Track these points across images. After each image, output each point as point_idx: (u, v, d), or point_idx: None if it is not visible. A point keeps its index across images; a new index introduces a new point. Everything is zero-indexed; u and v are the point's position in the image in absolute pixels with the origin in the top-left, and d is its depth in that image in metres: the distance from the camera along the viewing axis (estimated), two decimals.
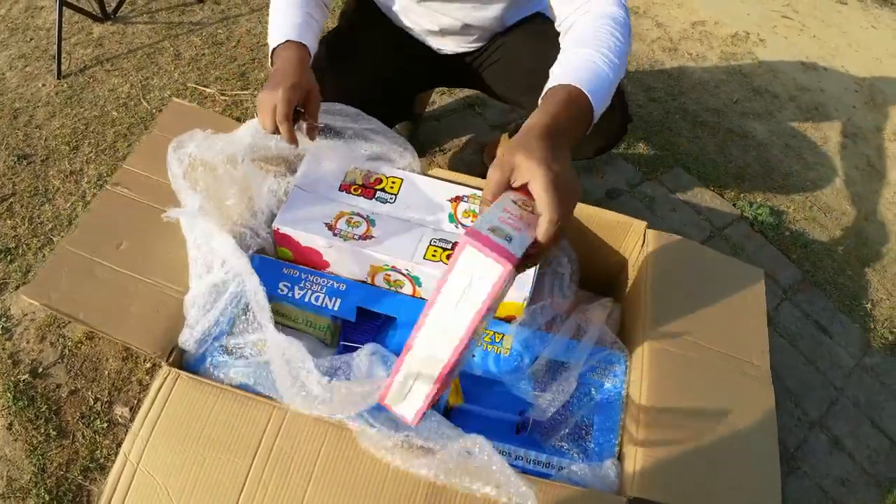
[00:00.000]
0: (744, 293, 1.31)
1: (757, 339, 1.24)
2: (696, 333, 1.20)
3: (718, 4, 3.33)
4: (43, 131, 2.07)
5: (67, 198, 1.88)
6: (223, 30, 2.55)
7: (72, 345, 1.55)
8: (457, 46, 1.51)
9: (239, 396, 1.00)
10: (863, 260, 2.13)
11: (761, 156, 2.40)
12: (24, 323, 1.58)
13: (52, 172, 1.95)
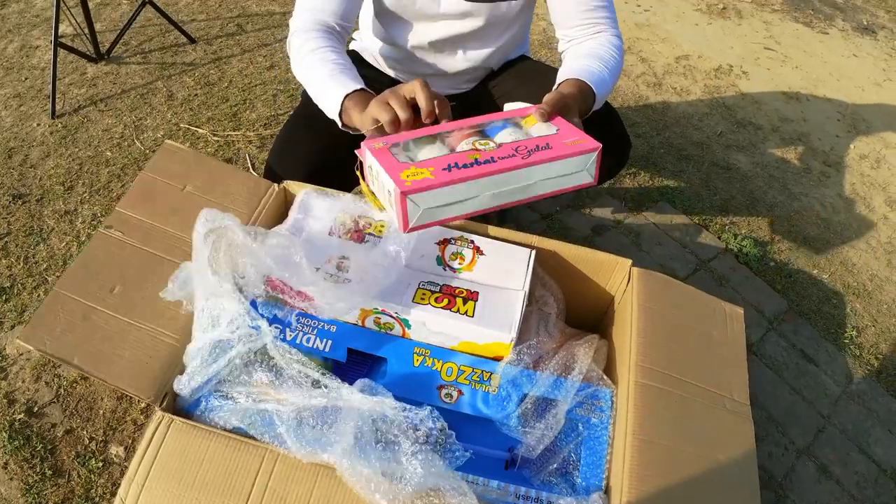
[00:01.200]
0: (724, 330, 1.34)
1: (737, 374, 1.27)
2: (679, 369, 1.23)
3: (702, 39, 3.40)
4: (37, 171, 2.10)
5: (62, 237, 1.90)
6: (215, 70, 2.59)
7: (67, 384, 1.56)
8: (448, 89, 1.55)
9: (232, 440, 1.02)
10: (848, 288, 2.16)
11: (745, 187, 2.44)
12: (20, 362, 1.60)
13: (47, 212, 1.97)
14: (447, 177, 0.97)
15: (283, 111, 2.40)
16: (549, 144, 1.03)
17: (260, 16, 3.01)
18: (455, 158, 1.01)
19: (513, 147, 1.03)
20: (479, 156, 1.01)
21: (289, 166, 1.35)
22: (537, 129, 1.10)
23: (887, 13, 4.40)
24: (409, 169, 0.99)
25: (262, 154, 2.19)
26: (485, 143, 1.05)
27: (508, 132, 1.09)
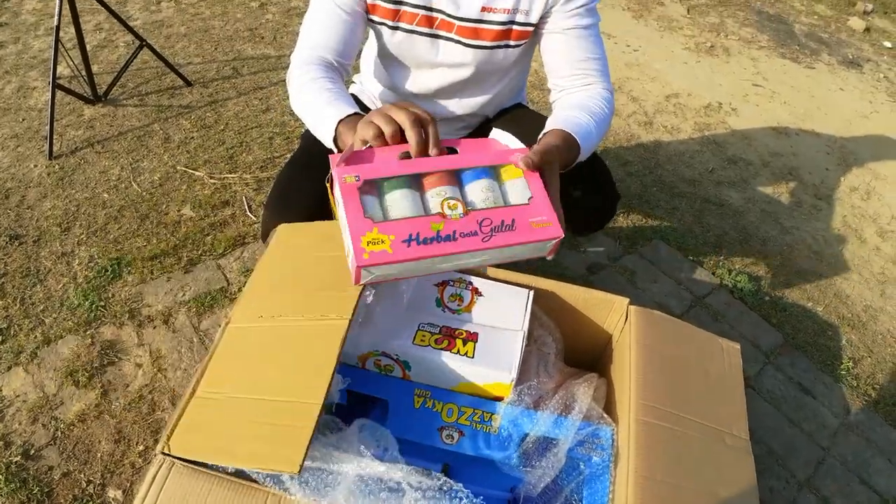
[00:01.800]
0: (722, 365, 1.35)
1: (736, 409, 1.28)
2: (678, 406, 1.23)
3: (691, 77, 3.45)
4: (34, 212, 2.11)
5: (59, 279, 1.90)
6: (211, 113, 2.62)
7: (64, 427, 1.56)
8: (443, 135, 1.57)
9: (234, 484, 1.02)
10: (842, 319, 2.17)
11: (738, 223, 2.46)
12: (17, 404, 1.59)
13: (44, 253, 1.98)
14: (404, 253, 0.98)
15: (279, 154, 2.42)
16: (514, 223, 1.03)
17: (255, 59, 3.05)
18: (418, 228, 1.00)
19: (477, 221, 1.02)
20: (441, 227, 1.01)
21: (287, 211, 1.37)
22: (512, 190, 1.08)
23: (871, 46, 4.47)
24: (371, 233, 0.99)
25: (259, 196, 2.20)
26: (454, 204, 1.04)
27: (482, 187, 1.07)
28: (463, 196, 1.06)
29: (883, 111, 3.60)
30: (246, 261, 1.97)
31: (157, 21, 3.37)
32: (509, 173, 1.09)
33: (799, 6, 4.93)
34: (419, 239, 0.99)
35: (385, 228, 0.99)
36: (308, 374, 1.03)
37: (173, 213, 2.12)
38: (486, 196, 1.05)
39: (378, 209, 1.02)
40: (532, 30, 1.39)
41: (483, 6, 1.34)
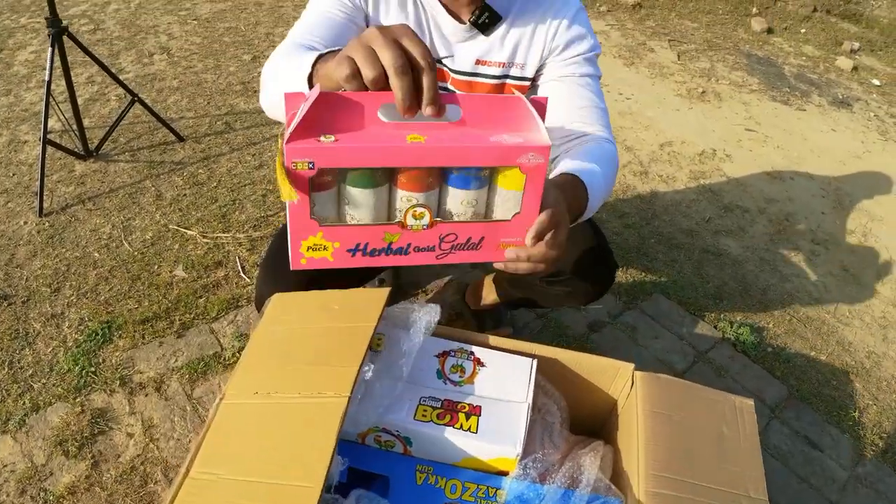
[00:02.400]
0: (736, 424, 1.31)
1: (752, 468, 1.24)
2: (690, 472, 1.20)
3: (684, 124, 3.46)
4: (24, 271, 2.08)
5: (48, 342, 1.86)
6: (204, 169, 2.60)
7: (53, 499, 1.50)
8: None
9: None
10: (846, 367, 2.14)
11: (737, 273, 2.44)
12: (4, 474, 1.54)
13: (33, 315, 1.94)
14: (346, 262, 0.88)
15: (272, 212, 2.40)
16: (480, 242, 0.91)
17: (248, 113, 3.04)
18: (368, 237, 0.87)
19: (440, 235, 0.89)
20: (396, 238, 0.88)
21: (281, 279, 1.34)
22: (501, 202, 0.90)
23: (860, 85, 4.52)
24: (314, 238, 0.85)
25: (253, 257, 2.17)
26: (421, 213, 0.87)
27: (467, 199, 0.89)
28: (440, 200, 0.90)
29: (875, 150, 3.61)
30: (240, 325, 1.93)
31: (149, 74, 3.37)
32: (509, 180, 0.88)
33: (787, 48, 4.98)
34: (366, 250, 0.89)
35: (331, 234, 0.86)
36: (306, 455, 1.00)
37: (165, 274, 2.09)
38: (466, 210, 0.90)
39: (331, 205, 0.86)
40: (528, 84, 1.37)
41: (478, 59, 1.32)
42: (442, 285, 2.07)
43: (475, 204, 0.90)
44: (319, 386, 1.08)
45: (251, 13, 4.37)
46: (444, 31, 1.31)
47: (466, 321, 1.86)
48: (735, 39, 4.96)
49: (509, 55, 1.32)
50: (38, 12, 4.06)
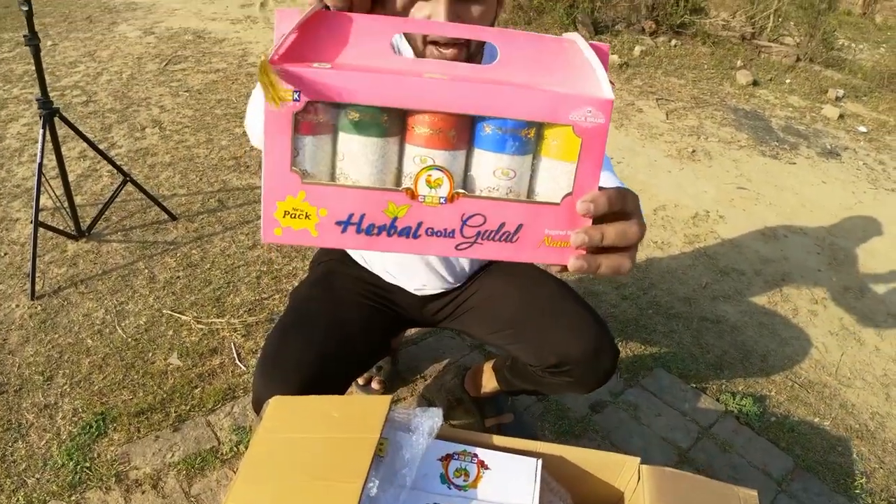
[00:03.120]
0: None
1: None
2: None
3: (676, 186, 3.48)
4: (16, 358, 2.05)
5: (42, 434, 1.83)
6: (197, 250, 2.59)
7: None
8: (438, 285, 1.54)
9: None
10: (851, 431, 2.12)
11: (736, 340, 2.43)
12: None
13: (26, 405, 1.90)
14: (334, 240, 0.67)
15: (267, 295, 2.38)
16: (517, 232, 0.68)
17: (241, 190, 3.04)
18: (365, 207, 0.66)
19: (462, 215, 0.67)
20: (402, 213, 0.67)
21: (279, 380, 1.32)
22: (546, 175, 0.68)
23: (847, 133, 4.57)
24: (294, 199, 0.65)
25: (248, 343, 2.15)
26: (438, 180, 0.66)
27: (502, 166, 0.67)
28: (466, 166, 0.69)
29: (866, 200, 3.64)
30: (237, 417, 1.90)
31: (141, 149, 3.38)
32: (558, 147, 0.66)
33: (773, 99, 5.05)
34: (361, 225, 0.67)
35: (316, 196, 0.66)
36: None
37: (160, 362, 2.06)
38: (500, 183, 0.67)
39: (321, 156, 0.66)
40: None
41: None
42: (441, 370, 2.05)
43: (512, 175, 0.67)
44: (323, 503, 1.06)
45: (242, 84, 4.41)
46: None
47: (467, 408, 1.83)
48: (721, 94, 5.03)
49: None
50: (30, 83, 4.09)
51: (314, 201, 0.65)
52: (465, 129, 0.66)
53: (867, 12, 10.01)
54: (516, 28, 6.06)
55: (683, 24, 6.16)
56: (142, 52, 5.04)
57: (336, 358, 1.34)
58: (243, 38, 5.56)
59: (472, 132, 0.67)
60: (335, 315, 1.41)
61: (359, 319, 1.44)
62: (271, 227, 0.66)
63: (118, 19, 6.02)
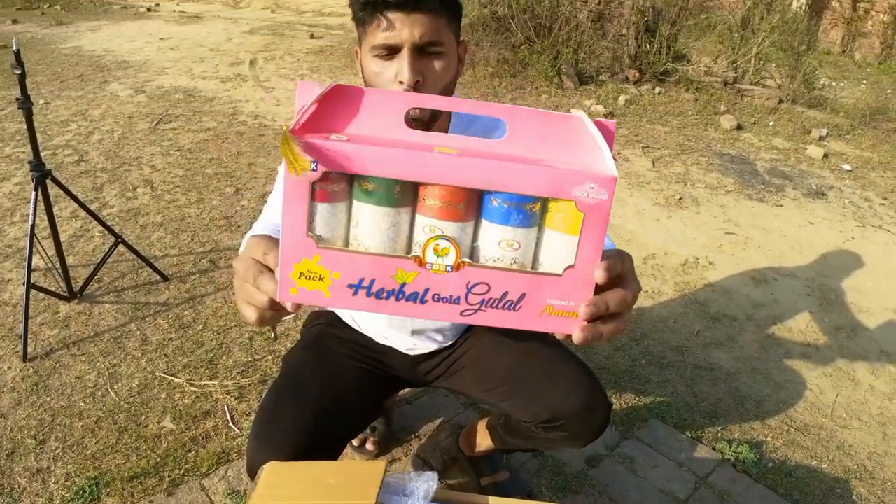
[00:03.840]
0: None
1: None
2: None
3: (665, 234, 3.51)
4: (8, 421, 2.03)
5: (34, 500, 1.81)
6: (189, 311, 2.59)
7: None
8: (429, 345, 1.55)
9: None
10: (849, 472, 2.10)
11: (731, 387, 2.42)
12: None
13: (18, 469, 1.88)
14: (346, 302, 0.71)
15: (259, 356, 2.37)
16: (520, 301, 0.71)
17: (232, 250, 3.06)
18: (376, 273, 0.70)
19: (467, 283, 0.70)
20: (411, 279, 0.70)
21: (273, 446, 1.32)
22: (549, 246, 0.71)
23: (832, 172, 4.63)
24: (309, 262, 0.69)
25: (242, 405, 2.14)
26: (445, 249, 0.70)
27: (507, 238, 0.70)
28: (473, 237, 0.72)
29: (854, 238, 3.68)
30: (231, 481, 1.88)
31: (132, 208, 3.40)
32: (561, 220, 0.69)
33: (757, 142, 5.11)
34: (371, 289, 0.70)
35: (330, 260, 0.69)
36: None
37: (153, 426, 2.05)
38: (505, 254, 0.71)
39: (336, 222, 0.70)
40: None
41: None
42: (435, 429, 2.04)
43: (517, 247, 0.70)
44: None
45: (233, 142, 4.46)
46: None
47: (462, 467, 1.82)
48: (706, 140, 5.10)
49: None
50: (22, 141, 4.14)
51: (328, 265, 0.69)
52: (473, 201, 0.69)
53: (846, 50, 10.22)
54: (502, 81, 6.18)
55: (666, 72, 6.27)
56: (133, 110, 5.10)
57: (330, 422, 1.35)
58: (233, 96, 5.64)
59: (481, 204, 0.70)
60: (328, 378, 1.41)
61: (351, 382, 1.44)
62: (287, 287, 0.70)
63: (109, 78, 6.10)
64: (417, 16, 1.14)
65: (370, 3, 1.14)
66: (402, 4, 1.13)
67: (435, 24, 1.16)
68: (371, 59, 1.19)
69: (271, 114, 5.19)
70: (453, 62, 1.24)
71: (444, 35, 1.19)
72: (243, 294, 0.77)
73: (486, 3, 6.36)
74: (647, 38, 6.30)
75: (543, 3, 6.18)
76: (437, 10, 1.16)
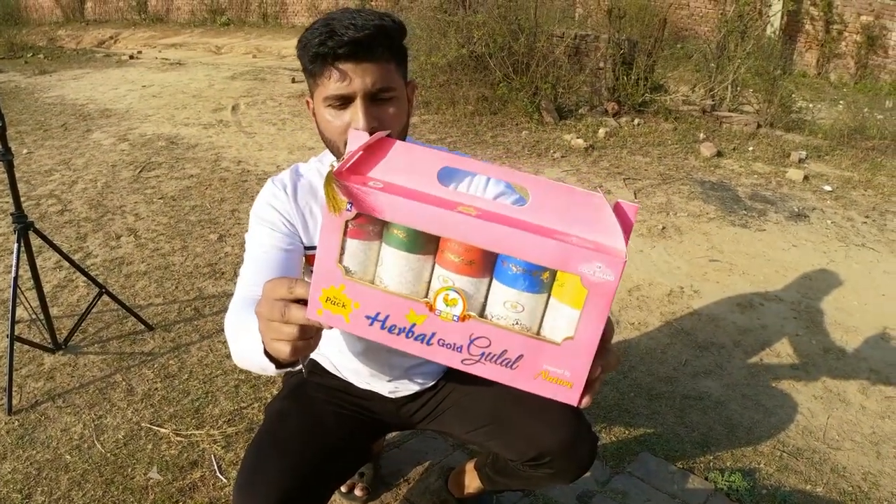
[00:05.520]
0: None
1: None
2: None
3: (649, 265, 3.52)
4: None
5: None
6: (175, 360, 2.57)
7: None
8: (411, 386, 1.54)
9: None
10: (844, 494, 2.09)
11: (721, 415, 2.41)
12: None
13: None
14: (363, 331, 0.78)
15: (245, 404, 2.35)
16: (518, 361, 0.76)
17: (217, 297, 3.05)
18: (391, 309, 0.77)
19: (470, 335, 0.76)
20: (421, 322, 0.77)
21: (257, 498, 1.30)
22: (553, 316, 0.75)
23: (813, 194, 4.66)
24: (335, 289, 0.78)
25: (229, 455, 2.11)
26: (454, 300, 0.76)
27: (513, 300, 0.76)
28: (484, 293, 0.77)
29: (838, 259, 3.69)
30: None
31: (116, 258, 3.40)
32: (566, 292, 0.73)
33: (738, 168, 5.16)
34: (385, 323, 0.78)
35: (354, 291, 0.77)
36: None
37: (139, 478, 2.02)
38: (507, 314, 0.76)
39: (363, 258, 0.78)
40: None
41: None
42: (423, 472, 2.02)
43: (521, 310, 0.75)
44: None
45: (216, 189, 4.46)
46: None
47: None
48: (687, 168, 5.13)
49: None
50: (4, 191, 4.12)
51: (351, 294, 0.77)
52: (488, 260, 0.75)
53: (822, 72, 10.36)
54: (482, 118, 6.23)
55: (645, 103, 6.33)
56: (116, 159, 5.11)
57: (314, 470, 1.34)
58: (216, 142, 5.66)
59: (495, 264, 0.76)
60: (310, 427, 1.41)
61: (335, 429, 1.43)
62: (314, 307, 0.79)
63: (93, 126, 6.12)
64: (367, 65, 1.19)
65: (320, 55, 1.18)
66: (352, 55, 1.17)
67: (385, 70, 1.21)
68: (324, 108, 1.24)
69: (254, 159, 5.21)
70: (405, 105, 1.29)
71: (395, 80, 1.24)
72: (271, 333, 0.85)
73: (464, 43, 6.42)
74: (623, 71, 6.37)
75: (520, 40, 6.25)
76: (387, 58, 1.22)
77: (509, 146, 5.60)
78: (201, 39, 12.87)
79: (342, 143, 1.24)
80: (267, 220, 1.35)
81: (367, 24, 1.16)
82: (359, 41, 1.16)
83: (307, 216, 1.38)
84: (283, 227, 1.35)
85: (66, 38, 13.81)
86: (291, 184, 1.39)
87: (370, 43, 1.17)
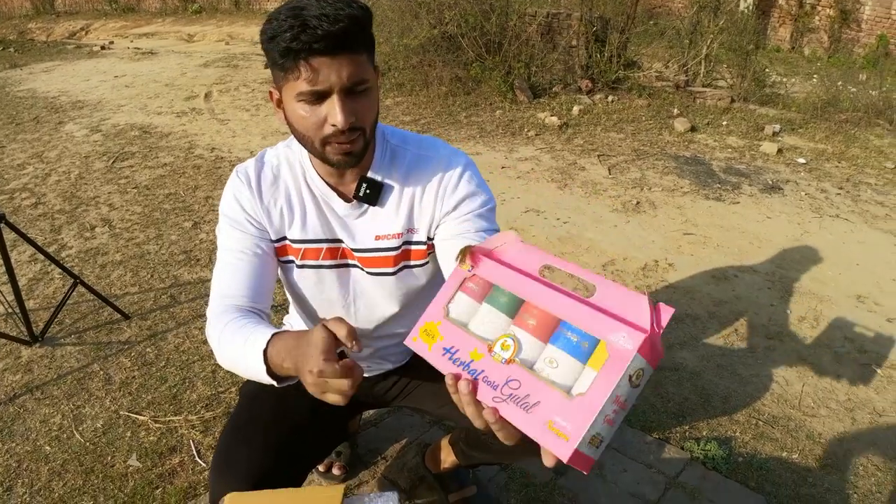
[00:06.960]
0: None
1: None
2: None
3: (623, 239, 3.53)
4: None
5: None
6: (151, 348, 2.57)
7: None
8: (383, 365, 1.55)
9: None
10: (819, 460, 2.12)
11: (696, 385, 2.44)
12: None
13: None
14: (436, 360, 0.95)
15: (223, 388, 2.35)
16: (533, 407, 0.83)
17: (192, 284, 3.03)
18: (463, 345, 0.93)
19: (507, 377, 0.87)
20: (478, 360, 0.90)
21: (233, 477, 1.30)
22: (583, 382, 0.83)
23: (787, 166, 4.70)
24: (433, 324, 0.98)
25: (207, 439, 2.12)
26: (508, 345, 0.89)
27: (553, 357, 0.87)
28: (538, 355, 0.89)
29: (812, 230, 3.72)
30: None
31: (91, 248, 3.37)
32: (596, 360, 0.84)
33: (712, 142, 5.18)
34: (453, 356, 0.94)
35: (446, 329, 0.97)
36: None
37: (119, 465, 2.02)
38: (543, 367, 0.86)
39: (465, 310, 0.98)
40: (426, 248, 1.37)
41: (376, 234, 1.34)
42: (401, 449, 2.03)
43: (556, 366, 0.86)
44: None
45: (190, 177, 4.44)
46: (337, 212, 1.34)
47: (430, 485, 1.81)
48: (661, 144, 5.16)
49: (405, 223, 1.34)
50: None
51: (443, 330, 0.96)
52: (547, 324, 0.89)
53: (795, 46, 10.42)
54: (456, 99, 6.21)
55: (618, 80, 6.34)
56: (89, 150, 5.06)
57: (289, 449, 1.34)
58: (189, 130, 5.62)
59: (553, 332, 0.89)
60: (284, 407, 1.41)
61: (308, 409, 1.43)
62: (412, 336, 0.99)
63: (65, 118, 6.06)
64: (342, 58, 1.13)
65: (293, 51, 1.11)
66: (327, 50, 1.11)
67: (358, 63, 1.16)
68: (297, 103, 1.17)
69: (227, 146, 5.18)
70: (377, 93, 1.26)
71: (368, 71, 1.19)
72: (325, 398, 0.98)
73: (436, 24, 6.40)
74: (597, 48, 6.38)
75: (492, 20, 6.24)
76: (360, 50, 1.16)
77: (483, 126, 5.60)
78: (173, 28, 12.73)
79: (318, 139, 1.20)
80: (234, 219, 1.34)
81: (339, 16, 1.10)
82: (334, 35, 1.10)
83: (272, 209, 1.35)
84: (250, 226, 1.34)
85: (37, 31, 13.61)
86: (255, 176, 1.35)
87: (345, 36, 1.11)
